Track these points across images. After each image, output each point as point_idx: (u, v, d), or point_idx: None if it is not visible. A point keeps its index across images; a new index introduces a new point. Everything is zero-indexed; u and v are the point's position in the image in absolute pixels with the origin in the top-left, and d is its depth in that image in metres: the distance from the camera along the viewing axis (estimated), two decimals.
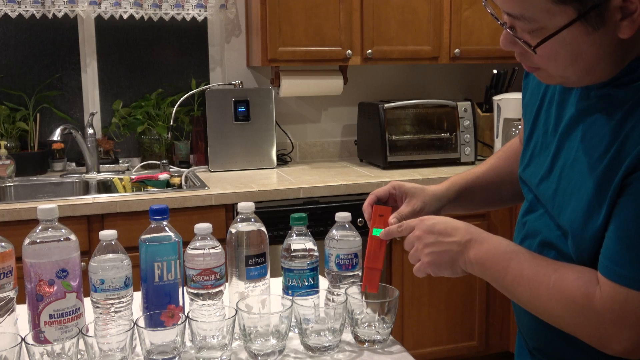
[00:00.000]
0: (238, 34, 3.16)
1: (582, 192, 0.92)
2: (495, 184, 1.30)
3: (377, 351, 1.17)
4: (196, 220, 1.27)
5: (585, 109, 0.96)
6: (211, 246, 1.18)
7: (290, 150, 3.28)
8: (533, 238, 1.04)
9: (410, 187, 1.25)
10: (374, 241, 1.20)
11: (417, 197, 1.24)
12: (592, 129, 0.93)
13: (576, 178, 0.94)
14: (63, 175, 2.90)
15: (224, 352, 1.10)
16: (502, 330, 2.99)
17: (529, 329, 1.07)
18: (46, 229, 1.11)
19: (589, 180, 0.91)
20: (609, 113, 0.91)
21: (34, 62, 3.00)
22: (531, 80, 1.13)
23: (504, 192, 1.30)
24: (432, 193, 1.25)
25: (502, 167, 1.29)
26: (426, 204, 1.24)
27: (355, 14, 2.93)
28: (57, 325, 1.10)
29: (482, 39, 3.11)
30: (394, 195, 1.25)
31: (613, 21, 0.82)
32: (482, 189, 1.30)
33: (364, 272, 1.20)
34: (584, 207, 0.91)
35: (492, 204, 1.37)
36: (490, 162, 1.32)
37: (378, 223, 1.21)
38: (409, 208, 1.23)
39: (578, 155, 0.95)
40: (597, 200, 0.89)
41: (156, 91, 3.12)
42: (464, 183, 1.29)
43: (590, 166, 0.91)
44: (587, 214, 0.90)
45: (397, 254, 2.76)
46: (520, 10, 0.85)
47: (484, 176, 1.31)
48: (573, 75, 0.90)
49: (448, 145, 3.11)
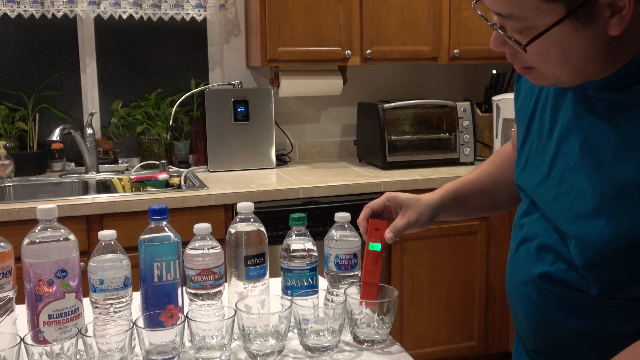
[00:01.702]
0: (237, 34, 3.16)
1: (588, 197, 0.91)
2: (489, 190, 1.29)
3: (376, 351, 1.17)
4: (195, 220, 1.27)
5: (582, 112, 0.95)
6: (210, 246, 1.18)
7: (289, 150, 3.28)
8: (531, 241, 1.03)
9: (405, 199, 1.25)
10: (370, 255, 1.20)
11: (411, 208, 1.24)
12: (593, 133, 0.92)
13: (580, 182, 0.93)
14: (62, 175, 2.89)
15: (223, 353, 1.10)
16: (501, 330, 3.00)
17: (527, 331, 1.06)
18: (45, 229, 1.11)
19: (597, 185, 0.90)
20: (611, 117, 0.90)
21: (33, 62, 2.99)
22: (523, 84, 1.12)
23: (498, 197, 1.29)
24: (427, 203, 1.25)
25: (496, 172, 1.29)
26: (421, 214, 1.23)
27: (355, 14, 2.93)
28: (56, 325, 1.10)
29: (482, 39, 3.11)
30: (388, 207, 1.25)
31: (602, 18, 0.82)
32: (477, 195, 1.30)
33: (361, 287, 1.20)
34: (591, 211, 0.90)
35: (487, 210, 1.35)
36: (483, 168, 1.32)
37: (374, 237, 1.21)
38: (404, 220, 1.22)
39: (580, 160, 0.94)
40: (608, 204, 0.88)
41: (155, 91, 3.12)
42: (458, 190, 1.29)
43: (597, 171, 0.91)
44: (596, 219, 0.89)
45: (397, 254, 2.76)
46: (509, 9, 0.85)
47: (477, 182, 1.30)
48: (565, 74, 0.89)
49: (447, 146, 3.11)
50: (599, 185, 0.90)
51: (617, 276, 0.90)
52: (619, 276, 0.89)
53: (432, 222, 1.26)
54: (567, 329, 0.97)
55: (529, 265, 1.03)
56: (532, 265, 1.01)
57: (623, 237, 0.87)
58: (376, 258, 1.20)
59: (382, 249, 1.21)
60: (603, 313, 0.93)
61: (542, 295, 1.00)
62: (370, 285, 1.20)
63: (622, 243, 0.87)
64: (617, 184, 0.88)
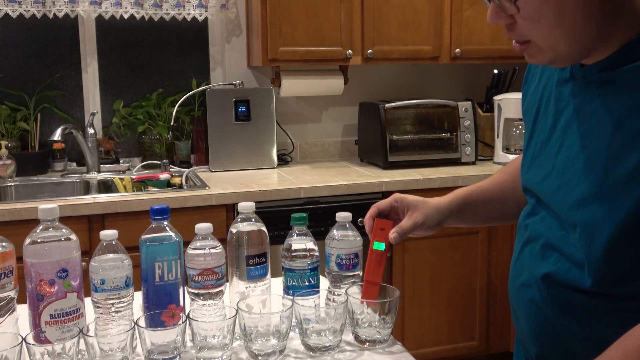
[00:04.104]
0: (239, 34, 3.16)
1: (591, 181, 0.91)
2: (499, 199, 1.28)
3: (377, 351, 1.17)
4: (197, 220, 1.27)
5: (582, 100, 0.95)
6: (212, 246, 1.18)
7: (290, 150, 3.28)
8: (535, 241, 1.03)
9: (413, 200, 1.24)
10: (374, 255, 1.20)
11: (419, 210, 1.23)
12: (594, 118, 0.92)
13: (582, 168, 0.93)
14: (64, 175, 2.90)
15: (225, 352, 1.10)
16: (502, 330, 2.99)
17: (529, 335, 1.05)
18: (47, 228, 1.11)
19: (599, 169, 0.90)
20: (610, 98, 0.90)
21: (34, 62, 3.00)
22: (530, 85, 1.12)
23: (507, 208, 1.27)
24: (435, 206, 1.24)
25: (507, 182, 1.28)
26: (428, 217, 1.23)
27: (356, 14, 2.93)
28: (58, 325, 1.10)
29: (483, 39, 3.11)
30: (395, 208, 1.25)
31: None
32: (486, 203, 1.29)
33: (363, 286, 1.20)
34: (594, 194, 0.90)
35: (496, 219, 1.34)
36: (495, 177, 1.31)
37: (379, 237, 1.21)
38: (410, 221, 1.22)
39: (582, 147, 0.94)
40: (611, 186, 0.88)
41: (157, 91, 3.12)
42: (468, 196, 1.28)
43: (599, 155, 0.90)
44: (600, 202, 0.89)
45: (398, 254, 2.76)
46: None
47: (487, 190, 1.29)
48: (562, 43, 0.89)
49: (449, 145, 3.10)
50: (601, 169, 0.89)
51: (619, 268, 0.89)
52: (621, 268, 0.89)
53: (440, 227, 1.25)
54: (569, 334, 0.97)
55: (532, 266, 1.02)
56: (536, 266, 1.01)
57: (628, 218, 0.86)
58: (379, 258, 1.20)
59: (386, 249, 1.21)
60: (605, 318, 0.92)
61: (544, 298, 0.99)
62: (372, 285, 1.19)
63: (626, 226, 0.86)
64: (618, 167, 0.87)
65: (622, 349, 0.84)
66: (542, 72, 1.09)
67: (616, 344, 0.85)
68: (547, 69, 1.07)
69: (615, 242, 0.88)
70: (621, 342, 0.85)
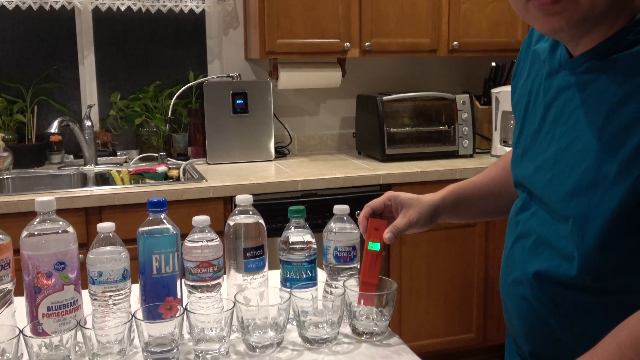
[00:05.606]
0: (236, 26, 3.15)
1: (582, 171, 0.90)
2: (492, 194, 1.28)
3: (375, 343, 1.18)
4: (194, 212, 1.27)
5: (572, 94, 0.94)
6: (209, 239, 1.18)
7: (288, 142, 3.28)
8: (527, 237, 1.02)
9: (406, 198, 1.24)
10: (369, 255, 1.20)
11: (412, 207, 1.23)
12: (584, 107, 0.92)
13: (574, 159, 0.92)
14: (61, 167, 2.89)
15: (222, 344, 1.10)
16: (499, 322, 3.00)
17: (521, 332, 1.05)
18: (44, 221, 1.11)
19: (591, 158, 0.89)
20: (600, 88, 0.89)
21: (31, 54, 2.98)
22: (519, 78, 1.11)
23: (501, 202, 1.27)
24: (428, 203, 1.24)
25: (500, 176, 1.27)
26: (422, 214, 1.23)
27: (354, 7, 2.92)
28: (55, 317, 1.10)
29: (481, 32, 3.10)
30: (389, 207, 1.24)
31: None
32: (480, 198, 1.29)
33: (359, 287, 1.20)
34: (586, 184, 0.89)
35: (489, 214, 1.34)
36: (488, 172, 1.31)
37: (374, 237, 1.20)
38: (404, 220, 1.22)
39: (573, 137, 0.93)
40: (603, 175, 0.87)
41: (154, 83, 3.11)
42: (461, 192, 1.28)
43: (589, 144, 0.90)
44: (592, 191, 0.88)
45: (395, 247, 2.76)
46: None
47: (481, 185, 1.29)
48: None
49: (446, 138, 3.10)
50: (593, 160, 0.89)
51: (611, 260, 0.89)
52: (613, 260, 0.89)
53: (434, 223, 1.25)
54: (562, 331, 0.97)
55: (524, 262, 1.02)
56: (527, 263, 1.01)
57: (621, 208, 0.86)
58: (375, 258, 1.20)
59: (381, 249, 1.20)
60: (598, 315, 0.92)
61: (536, 296, 0.99)
62: (369, 285, 1.19)
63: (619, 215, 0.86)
64: (610, 156, 0.87)
65: (616, 340, 0.84)
66: (531, 65, 1.08)
67: (610, 336, 0.86)
68: (537, 62, 1.06)
69: (608, 233, 0.88)
70: (615, 333, 0.85)
